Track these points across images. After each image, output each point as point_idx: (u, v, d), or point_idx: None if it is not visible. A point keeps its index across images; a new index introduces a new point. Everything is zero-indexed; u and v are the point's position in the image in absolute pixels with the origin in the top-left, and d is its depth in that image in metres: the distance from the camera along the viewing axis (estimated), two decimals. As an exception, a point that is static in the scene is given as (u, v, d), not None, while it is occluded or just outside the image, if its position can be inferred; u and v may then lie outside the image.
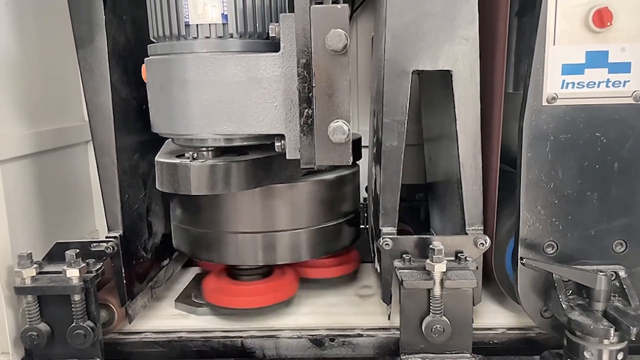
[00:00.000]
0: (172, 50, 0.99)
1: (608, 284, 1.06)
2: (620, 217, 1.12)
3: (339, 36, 0.81)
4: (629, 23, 1.05)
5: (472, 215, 1.22)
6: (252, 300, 1.39)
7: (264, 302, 1.38)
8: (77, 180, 1.74)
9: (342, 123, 0.85)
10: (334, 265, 1.54)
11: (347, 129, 0.85)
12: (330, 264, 1.54)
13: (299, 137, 0.88)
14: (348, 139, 0.86)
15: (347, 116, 0.87)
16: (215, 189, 1.05)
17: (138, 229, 1.37)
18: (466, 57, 1.18)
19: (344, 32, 0.81)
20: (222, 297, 1.38)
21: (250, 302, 1.38)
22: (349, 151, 0.88)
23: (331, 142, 0.86)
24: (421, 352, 1.17)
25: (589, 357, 1.05)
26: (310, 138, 0.87)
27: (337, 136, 0.85)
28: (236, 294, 1.39)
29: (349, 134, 0.86)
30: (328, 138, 0.86)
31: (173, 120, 1.01)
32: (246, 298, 1.39)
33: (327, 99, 0.86)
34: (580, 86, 1.07)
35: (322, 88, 0.85)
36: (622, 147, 1.09)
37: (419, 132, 1.93)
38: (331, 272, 1.54)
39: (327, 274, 1.53)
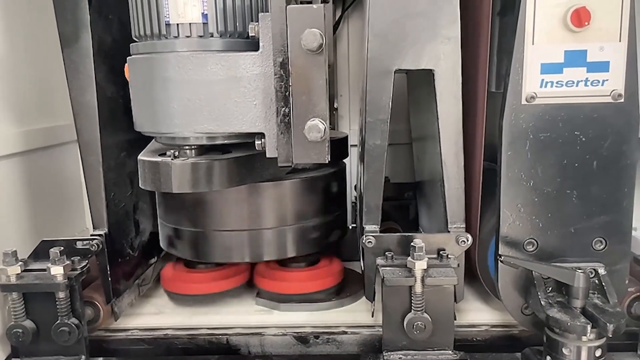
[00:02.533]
0: (153, 49, 1.00)
1: (586, 281, 1.07)
2: (600, 215, 1.13)
3: (314, 36, 0.82)
4: (607, 22, 1.06)
5: (454, 213, 1.23)
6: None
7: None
8: (67, 178, 1.75)
9: (318, 121, 0.86)
10: (312, 280, 1.46)
11: (323, 128, 0.86)
12: (309, 277, 1.47)
13: (276, 135, 0.89)
14: (324, 137, 0.87)
15: (323, 115, 0.87)
16: (198, 187, 1.06)
17: (124, 227, 1.38)
18: (448, 57, 1.19)
19: (319, 32, 0.82)
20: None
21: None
22: (326, 149, 0.89)
23: (308, 141, 0.87)
24: (403, 349, 1.18)
25: (568, 353, 1.06)
26: (288, 136, 0.89)
27: (312, 134, 0.86)
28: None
29: (326, 132, 0.87)
30: (304, 136, 0.87)
31: (155, 119, 1.02)
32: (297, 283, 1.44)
33: (304, 98, 0.87)
34: (559, 85, 1.08)
35: (298, 87, 0.86)
36: (601, 145, 1.10)
37: (408, 131, 1.94)
38: (308, 286, 1.45)
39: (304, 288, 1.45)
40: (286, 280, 1.44)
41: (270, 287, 1.45)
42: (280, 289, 1.44)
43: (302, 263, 1.48)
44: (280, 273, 1.46)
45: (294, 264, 1.48)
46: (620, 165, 1.11)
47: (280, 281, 1.44)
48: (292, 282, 1.44)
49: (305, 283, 1.44)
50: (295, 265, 1.48)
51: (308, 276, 1.46)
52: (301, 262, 1.48)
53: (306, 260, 1.49)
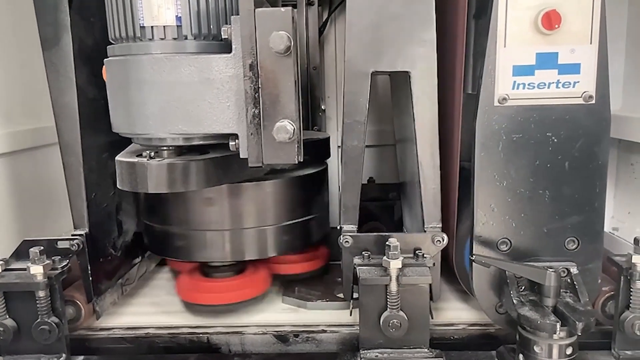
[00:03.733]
0: (128, 51, 1.01)
1: (557, 280, 1.08)
2: (572, 215, 1.15)
3: (281, 38, 0.83)
4: (577, 25, 1.07)
5: (430, 213, 1.25)
6: (224, 297, 1.41)
7: (237, 298, 1.41)
8: (53, 179, 1.75)
9: (286, 123, 0.87)
10: (299, 262, 1.56)
11: (291, 129, 0.87)
12: (297, 260, 1.56)
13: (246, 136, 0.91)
14: (293, 138, 0.89)
15: (293, 116, 0.89)
16: (174, 187, 1.07)
17: (106, 227, 1.39)
18: (424, 59, 1.20)
19: (286, 35, 0.84)
20: (195, 295, 1.41)
21: (222, 299, 1.41)
22: (295, 150, 0.90)
23: (277, 142, 0.88)
24: (380, 347, 1.19)
25: (539, 351, 1.08)
26: (258, 137, 0.90)
27: (281, 135, 0.87)
28: (209, 291, 1.42)
29: (294, 133, 0.89)
30: (273, 137, 0.88)
31: (131, 120, 1.03)
32: (218, 294, 1.42)
33: (273, 100, 0.88)
34: (531, 87, 1.10)
35: (267, 89, 0.88)
36: (572, 146, 1.12)
37: (394, 132, 1.96)
38: (297, 268, 1.55)
39: (293, 270, 1.54)
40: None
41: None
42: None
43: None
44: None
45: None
46: (591, 165, 1.13)
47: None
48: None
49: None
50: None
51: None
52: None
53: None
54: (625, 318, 1.15)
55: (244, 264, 1.48)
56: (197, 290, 1.42)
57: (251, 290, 1.43)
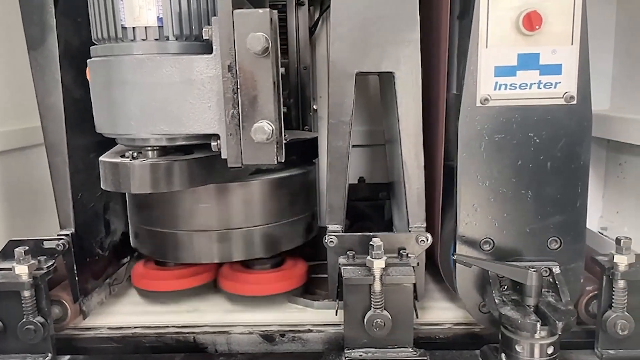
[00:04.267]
0: (110, 52, 1.02)
1: (538, 280, 1.09)
2: (555, 215, 1.15)
3: (258, 39, 0.84)
4: (558, 26, 1.08)
5: (414, 213, 1.25)
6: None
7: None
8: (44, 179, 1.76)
9: (264, 123, 0.88)
10: (272, 282, 1.46)
11: (269, 130, 0.88)
12: (269, 280, 1.47)
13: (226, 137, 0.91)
14: (272, 139, 0.89)
15: (271, 117, 0.89)
16: (158, 188, 1.08)
17: (93, 227, 1.40)
18: (408, 59, 1.21)
19: (264, 36, 0.84)
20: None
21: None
22: (274, 151, 0.90)
23: (255, 142, 0.89)
24: (364, 347, 1.20)
25: (521, 350, 1.08)
26: (237, 138, 0.90)
27: (258, 136, 0.88)
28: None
29: (273, 134, 0.89)
30: (252, 138, 0.89)
31: (113, 121, 1.04)
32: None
33: (252, 100, 0.89)
34: (513, 87, 1.11)
35: (246, 89, 0.88)
36: (554, 146, 1.13)
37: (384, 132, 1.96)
38: (270, 289, 1.46)
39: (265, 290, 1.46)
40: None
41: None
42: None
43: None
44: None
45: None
46: (573, 165, 1.13)
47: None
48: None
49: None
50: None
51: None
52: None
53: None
54: (607, 317, 1.15)
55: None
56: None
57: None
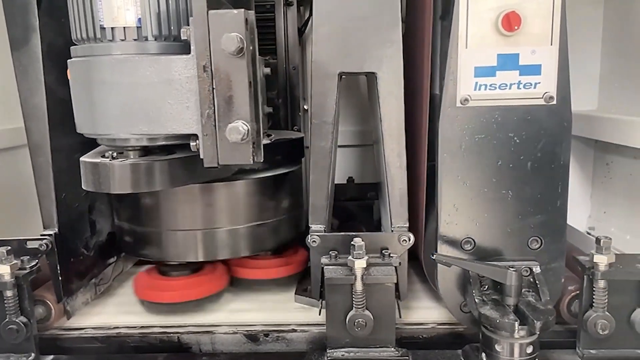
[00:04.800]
0: (90, 52, 1.02)
1: (518, 280, 1.09)
2: (535, 215, 1.16)
3: (232, 40, 0.84)
4: (537, 26, 1.08)
5: (397, 212, 1.26)
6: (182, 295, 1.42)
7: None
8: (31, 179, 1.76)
9: (239, 124, 0.88)
10: (275, 266, 1.54)
11: (243, 130, 0.88)
12: (273, 264, 1.54)
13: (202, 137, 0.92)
14: (247, 139, 0.89)
15: (247, 117, 0.90)
16: (138, 188, 1.08)
17: (78, 227, 1.40)
18: (390, 60, 1.21)
19: (238, 36, 0.85)
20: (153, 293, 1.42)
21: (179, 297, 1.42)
22: (250, 151, 0.91)
23: (231, 142, 0.89)
24: (346, 346, 1.20)
25: (500, 350, 1.08)
26: (213, 138, 0.91)
27: (233, 136, 0.88)
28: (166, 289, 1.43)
29: (248, 134, 0.90)
30: (227, 138, 0.89)
31: (93, 121, 1.04)
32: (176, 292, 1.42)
33: (227, 101, 0.89)
34: (493, 88, 1.11)
35: (221, 90, 0.88)
36: (534, 146, 1.13)
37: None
38: (272, 273, 1.53)
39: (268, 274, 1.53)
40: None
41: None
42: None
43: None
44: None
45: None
46: (553, 165, 1.13)
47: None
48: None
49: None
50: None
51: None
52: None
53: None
54: (588, 317, 1.16)
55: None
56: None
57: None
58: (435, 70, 1.27)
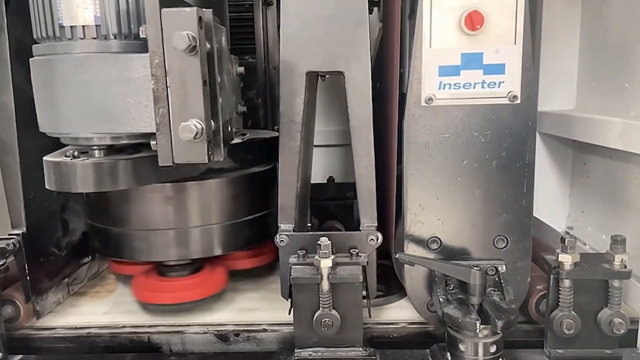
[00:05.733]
0: (49, 51, 1.02)
1: (482, 279, 1.09)
2: (501, 214, 1.16)
3: (183, 38, 0.84)
4: (501, 26, 1.08)
5: (365, 211, 1.26)
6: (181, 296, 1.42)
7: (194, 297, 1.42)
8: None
9: (191, 122, 0.88)
10: (249, 257, 1.57)
11: (195, 128, 0.88)
12: (246, 255, 1.57)
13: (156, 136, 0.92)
14: (201, 137, 0.89)
15: (201, 116, 0.89)
16: (102, 187, 1.08)
17: (49, 226, 1.40)
18: (358, 59, 1.21)
19: (188, 34, 0.84)
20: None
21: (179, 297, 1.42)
22: (204, 149, 0.91)
23: (184, 141, 0.89)
24: (314, 346, 1.20)
25: (464, 349, 1.08)
26: (167, 136, 0.91)
27: (185, 135, 0.88)
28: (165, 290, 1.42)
29: (202, 133, 0.89)
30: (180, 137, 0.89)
31: (55, 120, 1.04)
32: (175, 294, 1.42)
33: (181, 99, 0.89)
34: (457, 87, 1.11)
35: (175, 88, 0.88)
36: (499, 145, 1.13)
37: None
38: (245, 263, 1.57)
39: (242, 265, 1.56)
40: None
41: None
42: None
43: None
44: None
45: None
46: (519, 165, 1.13)
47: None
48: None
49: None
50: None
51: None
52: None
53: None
54: (554, 317, 1.16)
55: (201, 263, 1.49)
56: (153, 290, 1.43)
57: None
58: (404, 70, 1.27)
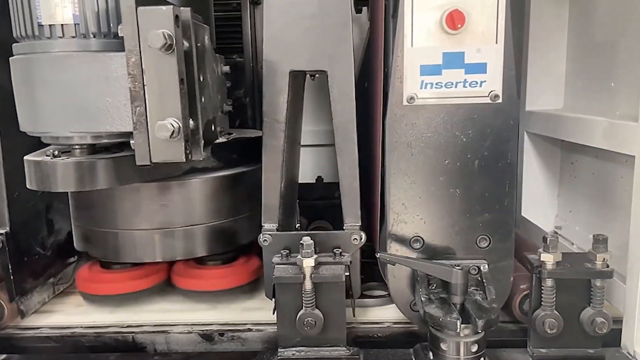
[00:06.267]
0: (29, 50, 1.02)
1: (463, 278, 1.09)
2: (483, 214, 1.16)
3: (158, 36, 0.84)
4: (482, 25, 1.08)
5: (348, 211, 1.25)
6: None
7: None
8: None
9: (168, 121, 0.88)
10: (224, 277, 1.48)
11: (171, 127, 0.87)
12: (221, 275, 1.49)
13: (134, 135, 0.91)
14: (177, 136, 0.89)
15: (178, 114, 0.89)
16: (83, 186, 1.07)
17: (34, 226, 1.39)
18: (341, 58, 1.21)
19: (164, 33, 0.84)
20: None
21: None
22: (182, 148, 0.90)
23: (161, 140, 0.89)
24: (297, 345, 1.20)
25: (445, 348, 1.08)
26: (144, 135, 0.90)
27: (161, 134, 0.88)
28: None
29: (179, 131, 0.89)
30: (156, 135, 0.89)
31: (34, 119, 1.04)
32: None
33: (158, 98, 0.89)
34: (439, 86, 1.11)
35: (152, 87, 0.88)
36: (481, 145, 1.13)
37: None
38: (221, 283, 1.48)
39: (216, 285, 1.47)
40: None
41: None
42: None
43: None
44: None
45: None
46: (501, 164, 1.13)
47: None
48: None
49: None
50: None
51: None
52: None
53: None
54: (537, 316, 1.16)
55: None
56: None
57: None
58: (388, 69, 1.27)
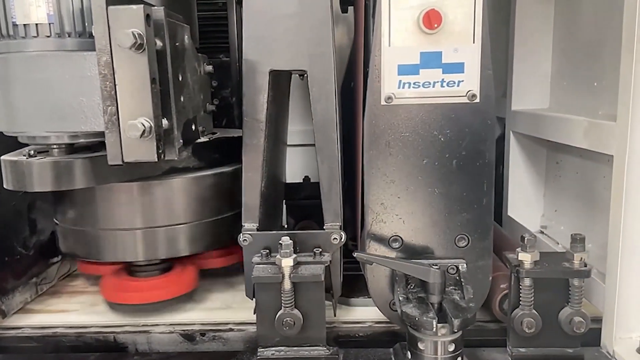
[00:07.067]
0: (4, 49, 1.01)
1: (441, 277, 1.09)
2: (462, 213, 1.16)
3: (127, 35, 0.84)
4: (459, 25, 1.08)
5: (328, 210, 1.26)
6: (151, 295, 1.42)
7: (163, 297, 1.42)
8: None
9: (138, 121, 0.87)
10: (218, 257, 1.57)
11: (141, 127, 0.87)
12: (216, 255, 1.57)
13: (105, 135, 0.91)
14: (149, 136, 0.89)
15: (149, 114, 0.89)
16: (59, 186, 1.07)
17: (14, 226, 1.39)
18: (321, 58, 1.21)
19: (134, 32, 0.84)
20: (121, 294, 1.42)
21: (149, 297, 1.41)
22: (154, 148, 0.90)
23: (133, 139, 0.88)
24: (277, 345, 1.20)
25: (423, 348, 1.08)
26: (116, 135, 0.90)
27: (131, 133, 0.87)
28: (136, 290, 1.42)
29: (150, 131, 0.89)
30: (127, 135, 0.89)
31: (10, 118, 1.03)
32: (145, 293, 1.42)
33: (129, 97, 0.89)
34: (416, 86, 1.11)
35: (123, 86, 0.88)
36: (459, 145, 1.13)
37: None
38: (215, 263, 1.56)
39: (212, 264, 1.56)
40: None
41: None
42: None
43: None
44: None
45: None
46: (478, 164, 1.13)
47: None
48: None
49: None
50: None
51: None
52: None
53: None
54: (515, 315, 1.16)
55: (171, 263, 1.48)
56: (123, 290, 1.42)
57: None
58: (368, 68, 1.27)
